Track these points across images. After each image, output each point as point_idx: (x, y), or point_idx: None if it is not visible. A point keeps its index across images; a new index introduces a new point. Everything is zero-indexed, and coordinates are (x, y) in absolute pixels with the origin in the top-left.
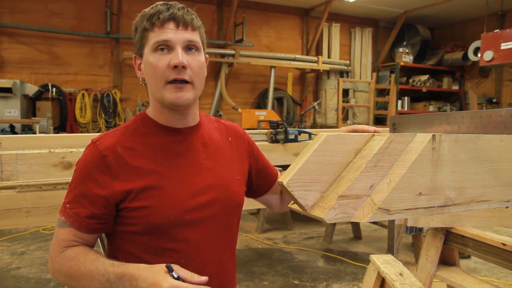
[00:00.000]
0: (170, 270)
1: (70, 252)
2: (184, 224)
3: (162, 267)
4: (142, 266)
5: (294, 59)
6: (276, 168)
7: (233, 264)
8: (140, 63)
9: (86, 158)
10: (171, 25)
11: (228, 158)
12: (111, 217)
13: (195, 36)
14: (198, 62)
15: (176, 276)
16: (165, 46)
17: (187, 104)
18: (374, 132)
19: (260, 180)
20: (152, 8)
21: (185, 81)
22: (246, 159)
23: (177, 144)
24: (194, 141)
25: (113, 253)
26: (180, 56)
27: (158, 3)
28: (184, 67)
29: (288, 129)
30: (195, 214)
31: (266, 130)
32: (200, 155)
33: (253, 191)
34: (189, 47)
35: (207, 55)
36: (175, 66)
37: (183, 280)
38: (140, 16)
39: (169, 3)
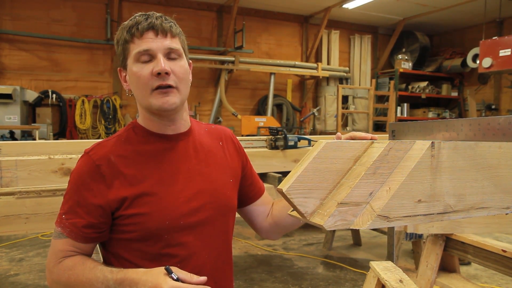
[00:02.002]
0: (169, 272)
1: (68, 262)
2: (179, 229)
3: (161, 269)
4: (141, 270)
5: (294, 66)
6: (264, 184)
7: (230, 268)
8: (125, 75)
9: (81, 168)
10: (150, 34)
11: (219, 162)
12: (107, 225)
13: (175, 43)
14: (181, 67)
15: (175, 277)
16: (147, 55)
17: (174, 108)
18: (371, 139)
19: (246, 187)
20: (131, 20)
21: (170, 86)
22: (237, 162)
23: (168, 150)
24: (186, 147)
25: (108, 261)
26: (162, 63)
27: (137, 14)
28: (167, 73)
29: (287, 135)
30: (189, 218)
31: (265, 137)
32: (192, 161)
33: (238, 199)
34: (170, 54)
35: (190, 61)
36: (159, 73)
37: (183, 281)
38: (120, 29)
39: (147, 13)
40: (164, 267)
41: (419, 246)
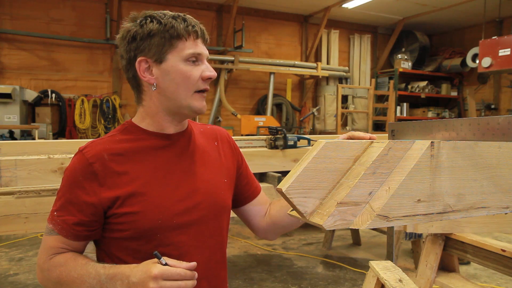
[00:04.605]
0: (158, 258)
1: (60, 259)
2: (172, 228)
3: (150, 260)
4: (133, 265)
5: (293, 66)
6: (260, 184)
7: (224, 267)
8: (148, 67)
9: (74, 166)
10: (200, 40)
11: (214, 162)
12: (99, 224)
13: None
14: None
15: (164, 262)
16: (195, 58)
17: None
18: (370, 138)
19: (242, 187)
20: (174, 17)
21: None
22: (232, 162)
23: (164, 149)
24: (181, 146)
25: (101, 259)
26: (212, 69)
27: (176, 13)
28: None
29: (287, 135)
30: (182, 218)
31: (265, 136)
32: (187, 160)
33: (234, 199)
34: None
35: None
36: (209, 78)
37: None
38: (160, 24)
39: (189, 16)
40: (153, 252)
41: (419, 245)
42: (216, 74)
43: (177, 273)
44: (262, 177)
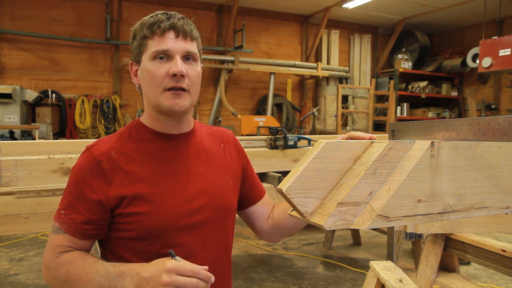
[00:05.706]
0: (172, 256)
1: (67, 257)
2: (178, 229)
3: (163, 258)
4: (144, 263)
5: (294, 66)
6: (264, 186)
7: (229, 269)
8: (137, 70)
9: (81, 164)
10: (171, 34)
11: (220, 164)
12: (106, 223)
13: (193, 47)
14: (195, 71)
15: (179, 260)
16: (164, 55)
17: (183, 111)
18: (370, 138)
19: (247, 189)
20: (152, 16)
21: (182, 89)
22: (238, 164)
23: (171, 150)
24: (188, 147)
25: (107, 259)
26: (179, 65)
27: (159, 12)
28: (182, 75)
29: (287, 135)
30: (188, 219)
31: (265, 136)
32: (193, 161)
33: (239, 201)
34: (187, 57)
35: (201, 64)
36: (174, 75)
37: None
38: (139, 24)
39: (170, 12)
40: (168, 251)
41: (419, 245)
42: (181, 69)
43: (190, 269)
44: (262, 177)
